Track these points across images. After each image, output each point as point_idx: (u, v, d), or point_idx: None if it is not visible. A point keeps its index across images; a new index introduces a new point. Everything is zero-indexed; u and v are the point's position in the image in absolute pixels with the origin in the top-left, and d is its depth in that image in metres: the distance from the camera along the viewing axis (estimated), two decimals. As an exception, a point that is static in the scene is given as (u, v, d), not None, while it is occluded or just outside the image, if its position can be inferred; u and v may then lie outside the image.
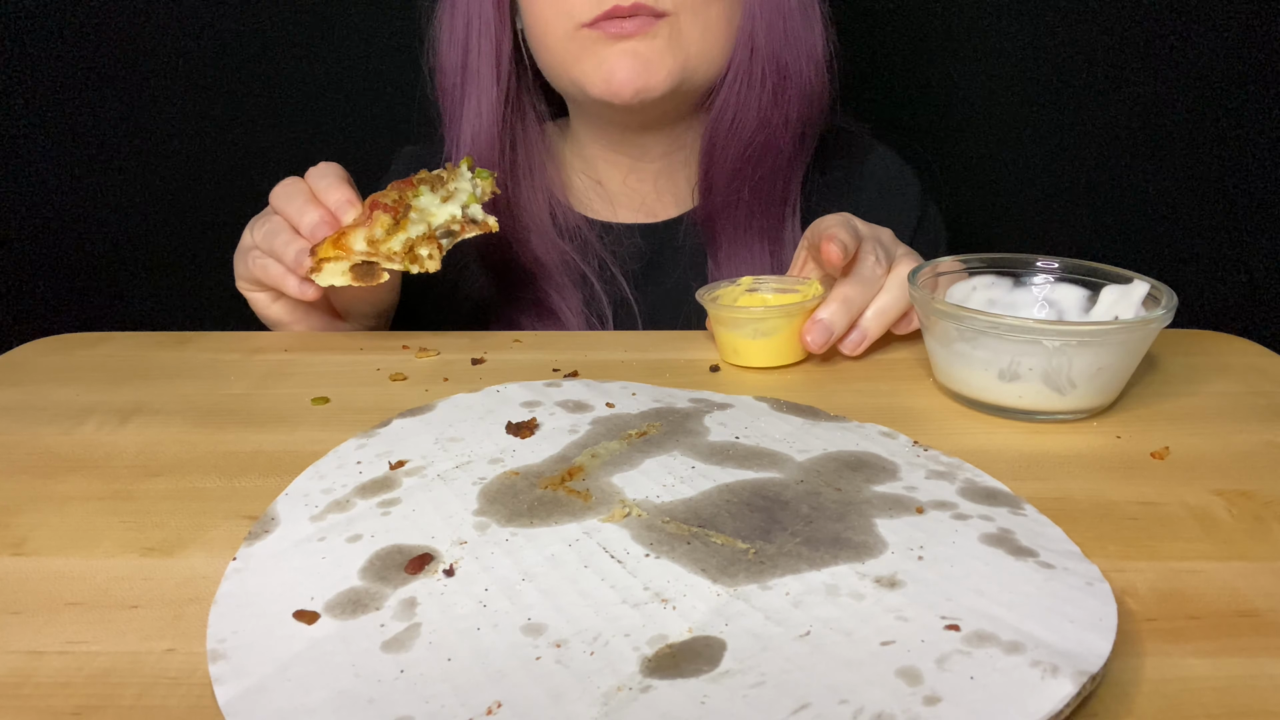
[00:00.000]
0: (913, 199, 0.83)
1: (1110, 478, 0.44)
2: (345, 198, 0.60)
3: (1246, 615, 0.34)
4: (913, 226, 0.81)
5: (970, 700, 0.27)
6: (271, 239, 0.61)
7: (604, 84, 0.69)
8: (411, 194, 0.60)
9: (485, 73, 0.74)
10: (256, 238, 0.63)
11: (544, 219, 0.77)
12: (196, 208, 1.17)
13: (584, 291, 0.77)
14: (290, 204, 0.61)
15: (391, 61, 1.08)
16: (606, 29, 0.67)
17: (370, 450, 0.44)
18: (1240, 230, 1.14)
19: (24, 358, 0.59)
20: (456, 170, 0.62)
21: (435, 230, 0.60)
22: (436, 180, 0.61)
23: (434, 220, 0.61)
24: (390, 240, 0.59)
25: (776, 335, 0.56)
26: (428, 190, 0.60)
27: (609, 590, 0.33)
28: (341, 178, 0.62)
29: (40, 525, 0.40)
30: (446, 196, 0.61)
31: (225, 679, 0.29)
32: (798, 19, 0.71)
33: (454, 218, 0.61)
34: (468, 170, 0.62)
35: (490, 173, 0.63)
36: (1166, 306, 0.48)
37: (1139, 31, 1.07)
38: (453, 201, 0.61)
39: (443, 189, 0.61)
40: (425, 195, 0.60)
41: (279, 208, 0.62)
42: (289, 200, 0.62)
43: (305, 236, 0.60)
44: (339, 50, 1.11)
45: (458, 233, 0.61)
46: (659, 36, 0.68)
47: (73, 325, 0.68)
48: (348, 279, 0.59)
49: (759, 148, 0.73)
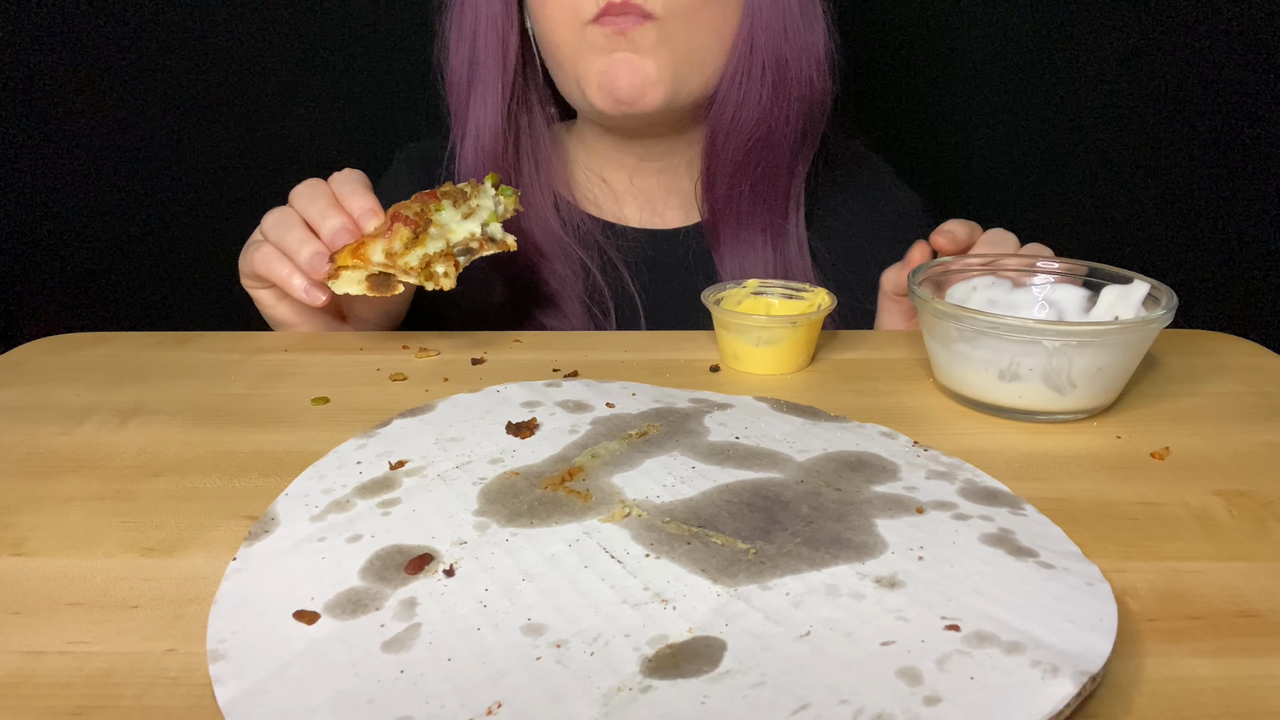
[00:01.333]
0: (909, 208, 0.84)
1: (1110, 478, 0.44)
2: (369, 206, 0.60)
3: (1247, 615, 0.34)
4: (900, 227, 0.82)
5: (970, 700, 0.27)
6: (284, 233, 0.61)
7: (601, 91, 0.70)
8: (434, 207, 0.59)
9: (492, 70, 0.74)
10: (266, 228, 0.62)
11: (548, 214, 0.77)
12: (197, 208, 1.17)
13: (587, 286, 0.77)
14: (313, 205, 0.61)
15: (396, 58, 1.09)
16: (605, 24, 0.68)
17: (370, 450, 0.44)
18: (1240, 230, 1.14)
19: (24, 358, 0.59)
20: (480, 187, 0.61)
21: (453, 247, 0.60)
22: (460, 195, 0.60)
23: (453, 237, 0.60)
24: (408, 255, 0.58)
25: (780, 344, 0.56)
26: (450, 205, 0.60)
27: (609, 590, 0.33)
28: (366, 186, 0.62)
29: (40, 525, 0.40)
30: (468, 213, 0.60)
31: (225, 679, 0.29)
32: (798, 16, 0.72)
33: (473, 235, 0.60)
34: (491, 187, 0.62)
35: (514, 190, 0.63)
36: (1166, 306, 0.48)
37: (1139, 31, 1.07)
38: (473, 219, 0.60)
39: (465, 205, 0.60)
40: (447, 210, 0.60)
41: (300, 208, 0.61)
42: (312, 201, 0.61)
43: (326, 242, 0.60)
44: (342, 48, 1.11)
45: (476, 250, 0.60)
46: (647, 38, 0.68)
47: (73, 325, 0.67)
48: (363, 288, 0.59)
49: (760, 143, 0.73)
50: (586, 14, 0.69)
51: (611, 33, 0.68)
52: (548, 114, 0.80)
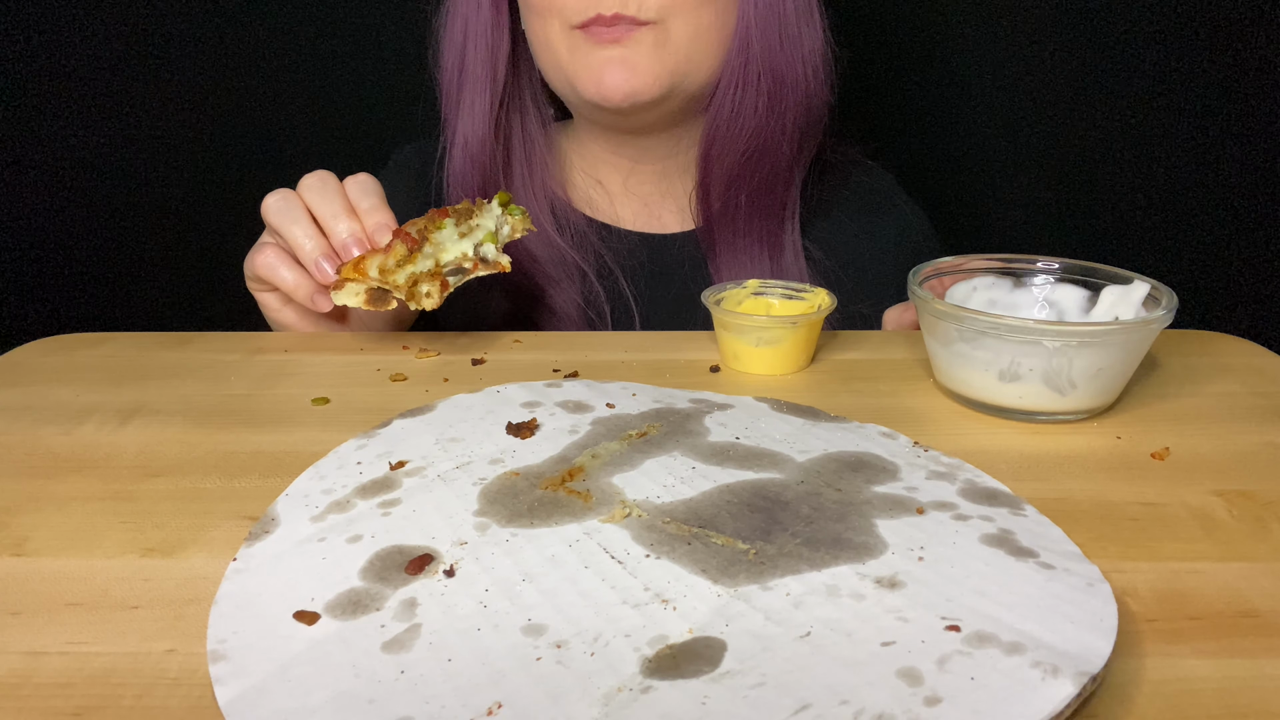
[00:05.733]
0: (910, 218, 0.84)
1: (1110, 478, 0.44)
2: (384, 221, 0.60)
3: (1247, 616, 0.34)
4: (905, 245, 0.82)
5: (971, 701, 0.27)
6: (289, 223, 0.60)
7: (595, 87, 0.69)
8: (435, 226, 0.59)
9: (480, 74, 0.75)
10: (269, 212, 0.61)
11: (543, 216, 0.77)
12: (198, 208, 1.17)
13: (582, 288, 0.77)
14: (325, 204, 0.60)
15: (396, 59, 1.08)
16: (592, 34, 0.68)
17: (370, 451, 0.44)
18: (1240, 230, 1.14)
19: (24, 358, 0.59)
20: (486, 205, 0.61)
21: (444, 267, 0.60)
22: (465, 214, 0.60)
23: (444, 257, 0.60)
24: (398, 272, 0.58)
25: (780, 345, 0.56)
26: (453, 225, 0.59)
27: (609, 591, 0.33)
28: (382, 198, 0.61)
29: (40, 525, 0.40)
30: (466, 232, 0.60)
31: (225, 679, 0.29)
32: (794, 24, 0.71)
33: (464, 255, 0.60)
34: (498, 207, 0.61)
35: (522, 210, 0.62)
36: (1166, 307, 0.48)
37: (1139, 31, 1.07)
38: (468, 239, 0.60)
39: (466, 224, 0.60)
40: (447, 229, 0.59)
41: (310, 201, 0.60)
42: (323, 198, 0.60)
43: (337, 248, 0.59)
44: (342, 48, 1.11)
45: (469, 270, 0.60)
46: (643, 43, 0.68)
47: (73, 325, 0.68)
48: (361, 301, 0.59)
49: (756, 153, 0.73)
50: (571, 19, 0.68)
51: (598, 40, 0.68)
52: (544, 115, 0.80)
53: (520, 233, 0.62)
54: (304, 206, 0.61)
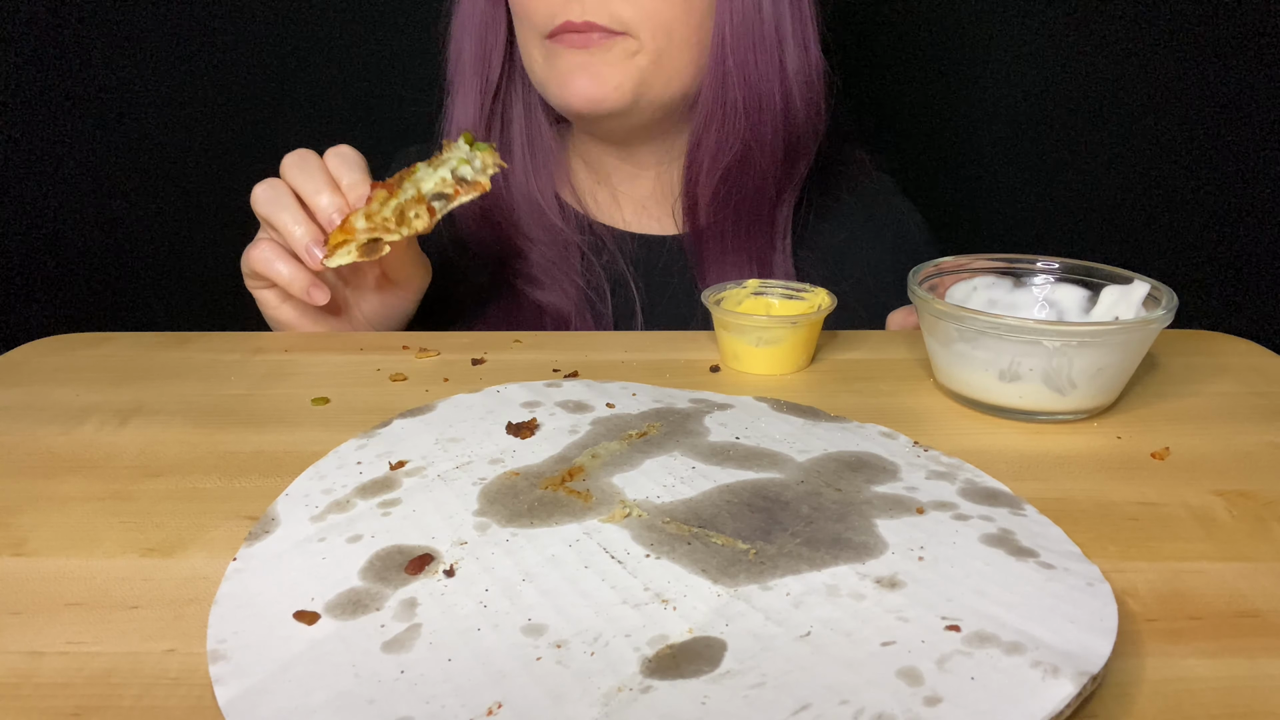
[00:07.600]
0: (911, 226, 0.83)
1: (1110, 478, 0.44)
2: (355, 179, 0.61)
3: (1247, 616, 0.34)
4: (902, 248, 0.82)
5: (971, 701, 0.27)
6: (277, 210, 0.61)
7: (560, 92, 0.70)
8: (409, 173, 0.61)
9: (472, 70, 0.76)
10: (258, 203, 0.62)
11: (542, 210, 0.78)
12: (197, 208, 1.17)
13: (583, 275, 0.78)
14: (307, 180, 0.61)
15: (398, 60, 1.09)
16: (563, 40, 0.69)
17: (370, 450, 0.44)
18: (1240, 230, 1.14)
19: (24, 358, 0.59)
20: (453, 144, 0.62)
21: (426, 195, 0.61)
22: (435, 160, 0.62)
23: (425, 186, 0.61)
24: (383, 210, 0.60)
25: (780, 344, 0.56)
26: (425, 165, 0.61)
27: (609, 591, 0.33)
28: (365, 171, 0.62)
29: (40, 525, 0.40)
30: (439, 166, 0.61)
31: (225, 679, 0.29)
32: (772, 44, 0.70)
33: (445, 181, 0.61)
34: (465, 144, 0.62)
35: (490, 145, 0.63)
36: (1166, 307, 0.48)
37: (1138, 31, 1.07)
38: (444, 167, 0.61)
39: (438, 161, 0.61)
40: (421, 169, 0.61)
41: (292, 180, 0.61)
42: (304, 174, 0.61)
43: (323, 223, 0.60)
44: (343, 49, 1.11)
45: (451, 196, 0.61)
46: (612, 52, 0.68)
47: (73, 325, 0.67)
48: (354, 256, 0.60)
49: (737, 171, 0.73)
50: (545, 29, 0.69)
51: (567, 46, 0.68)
52: (551, 113, 0.80)
53: (491, 168, 0.63)
54: (290, 191, 0.61)
